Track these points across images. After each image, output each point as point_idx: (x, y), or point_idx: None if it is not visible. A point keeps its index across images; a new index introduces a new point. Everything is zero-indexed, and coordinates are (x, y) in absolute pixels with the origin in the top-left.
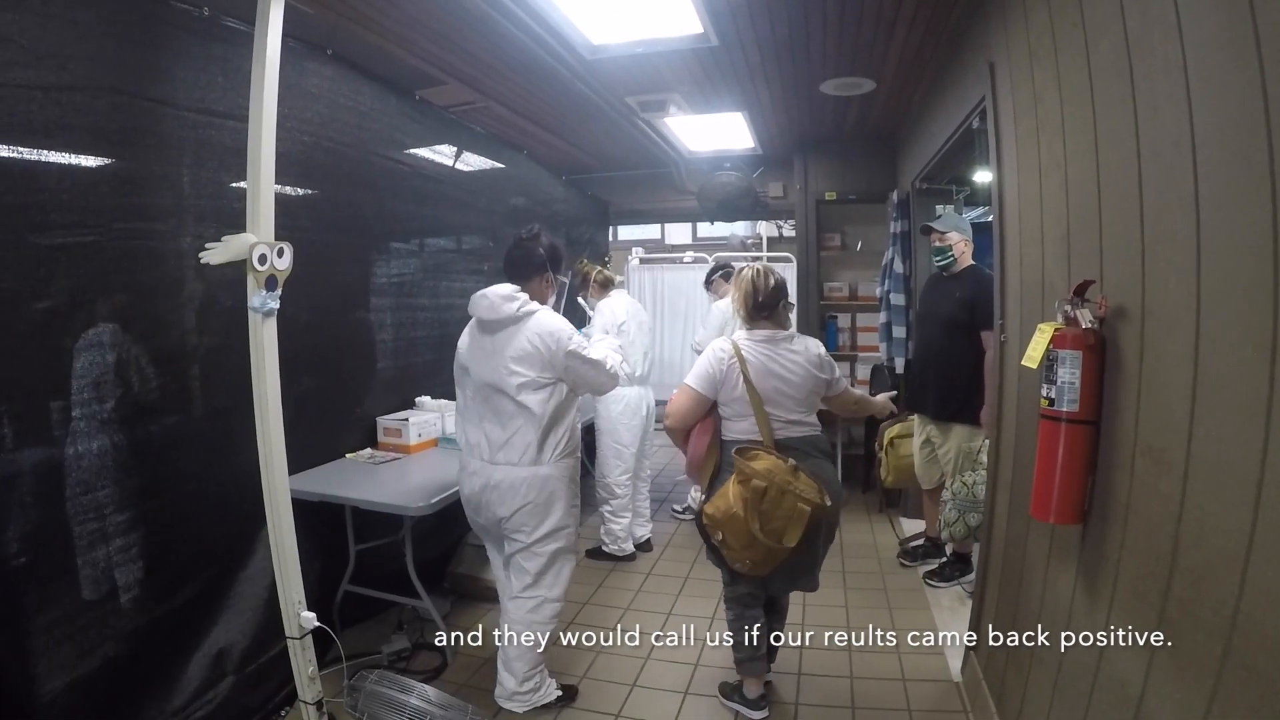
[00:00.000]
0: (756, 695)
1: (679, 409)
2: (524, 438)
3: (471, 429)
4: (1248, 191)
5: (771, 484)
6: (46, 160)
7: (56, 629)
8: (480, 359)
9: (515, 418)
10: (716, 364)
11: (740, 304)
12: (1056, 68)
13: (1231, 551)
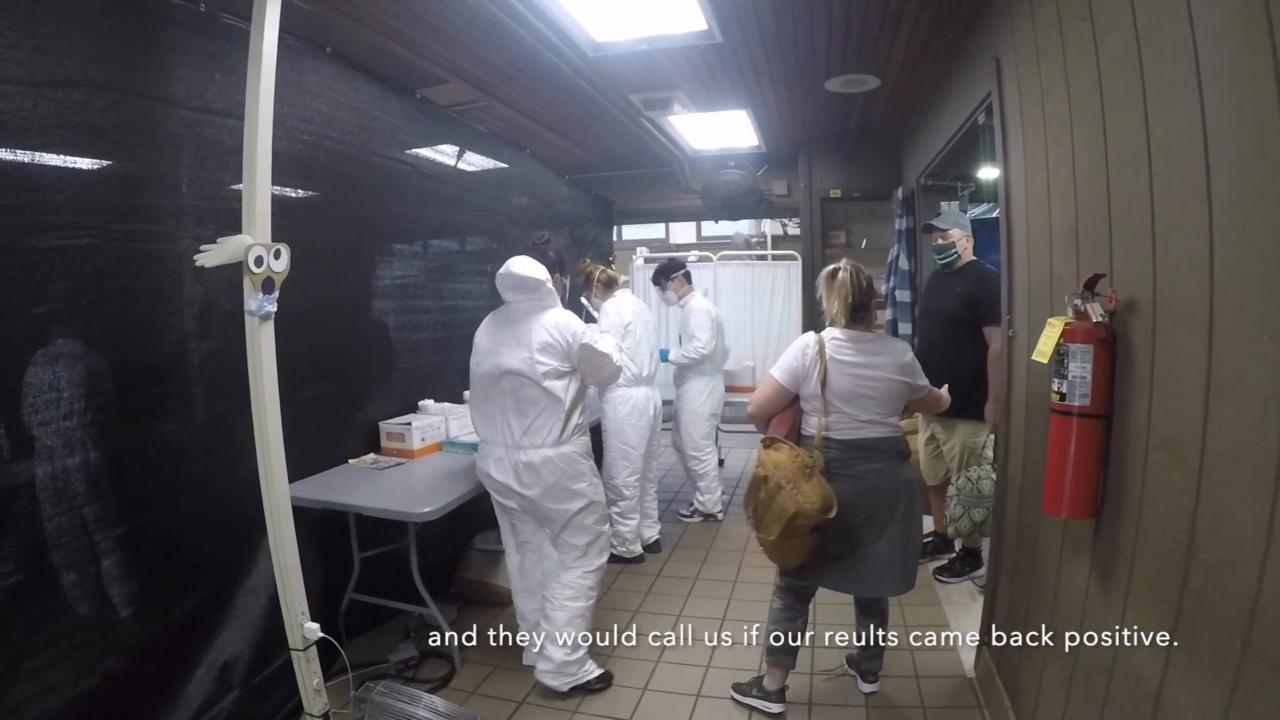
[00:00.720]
0: (777, 688)
1: (760, 398)
2: (548, 421)
3: (496, 417)
4: (1262, 180)
5: (770, 476)
6: (41, 160)
7: (54, 646)
8: (506, 349)
9: (538, 403)
10: (800, 358)
11: (838, 305)
12: (1064, 61)
13: (1249, 544)
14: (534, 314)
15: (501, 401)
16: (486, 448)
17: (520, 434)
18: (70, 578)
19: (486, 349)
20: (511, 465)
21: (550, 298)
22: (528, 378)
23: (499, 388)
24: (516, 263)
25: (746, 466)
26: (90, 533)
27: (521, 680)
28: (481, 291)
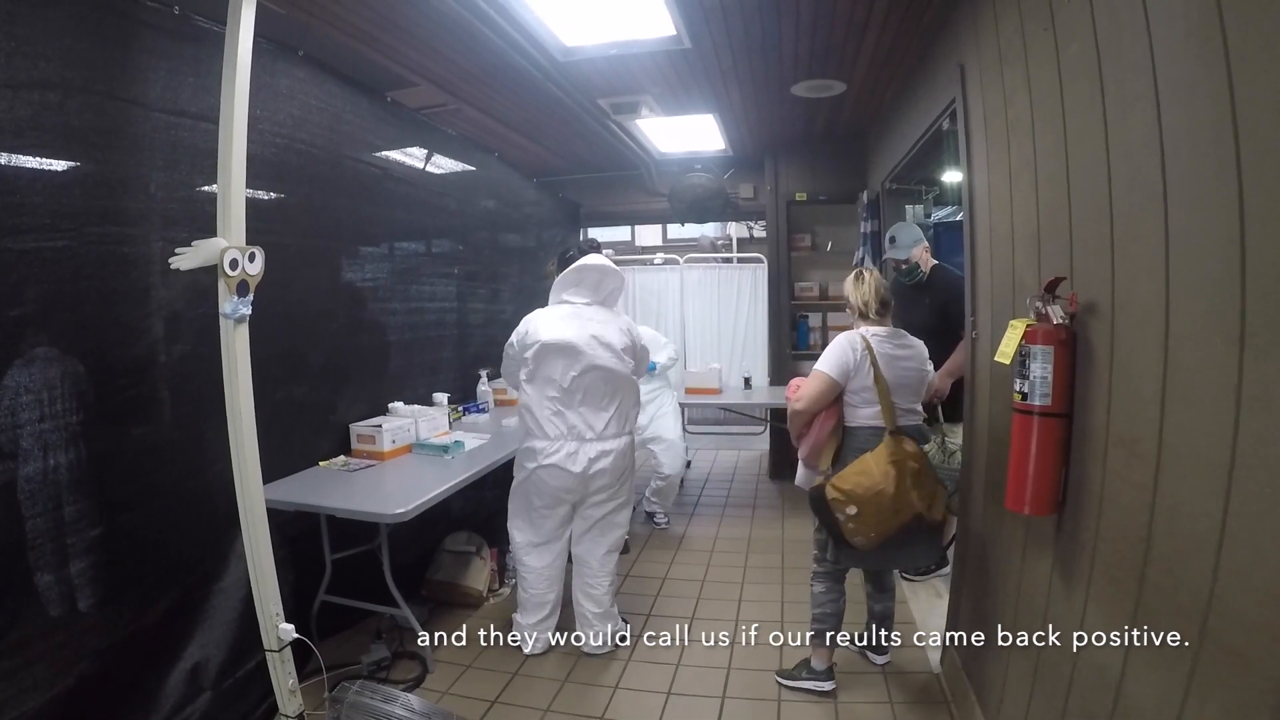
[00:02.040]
0: (825, 667)
1: (812, 393)
2: (624, 413)
3: (569, 414)
4: (1215, 189)
5: (922, 465)
6: (17, 162)
7: (30, 647)
8: (590, 348)
9: (616, 397)
10: (851, 352)
11: (874, 302)
12: (1026, 69)
13: (1204, 536)
14: (606, 314)
15: (579, 399)
16: (553, 444)
17: (602, 426)
18: (46, 579)
19: (556, 348)
20: (590, 455)
21: (614, 298)
22: (616, 373)
23: (576, 386)
24: (594, 260)
25: (713, 466)
26: (66, 534)
27: (494, 680)
28: (449, 294)
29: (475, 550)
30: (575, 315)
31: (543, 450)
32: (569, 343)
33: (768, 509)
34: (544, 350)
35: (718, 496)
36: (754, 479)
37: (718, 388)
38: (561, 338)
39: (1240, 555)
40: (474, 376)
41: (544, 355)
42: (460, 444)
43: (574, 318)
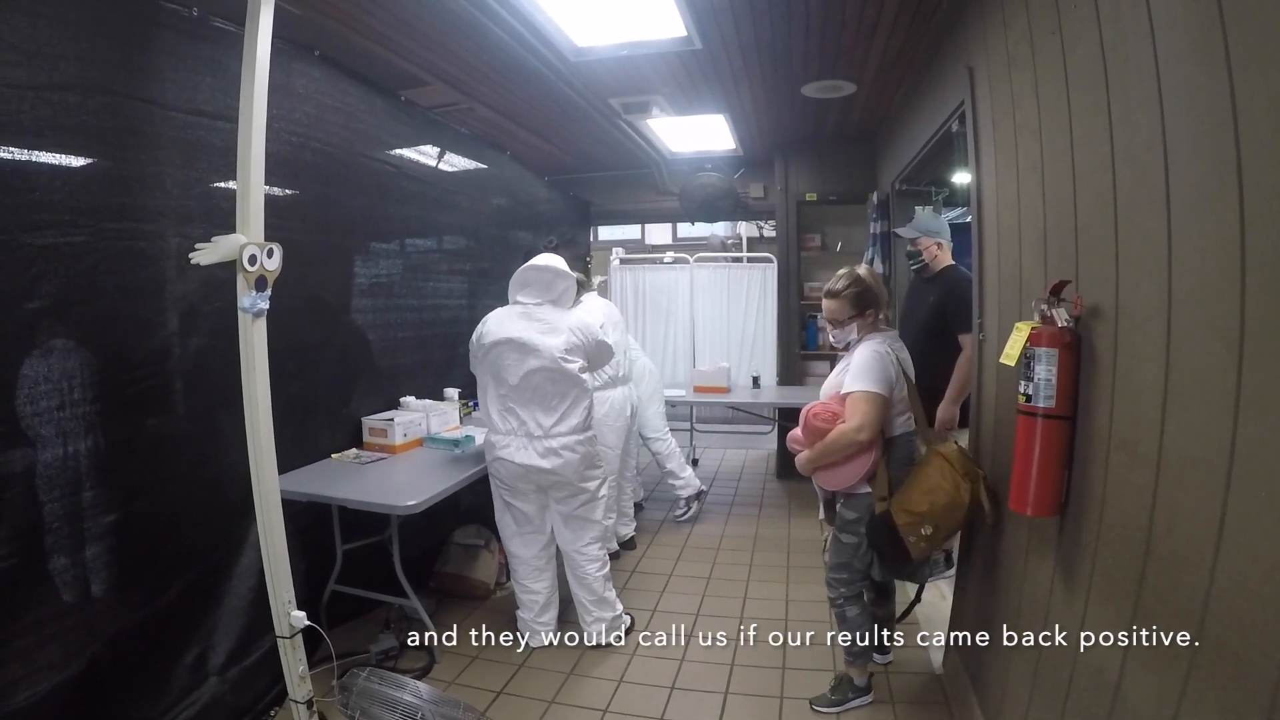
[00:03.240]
0: (865, 680)
1: (873, 419)
2: (577, 410)
3: (519, 411)
4: (1217, 193)
5: (970, 463)
6: (38, 160)
7: (44, 629)
8: (532, 348)
9: (568, 396)
10: (887, 363)
11: (885, 307)
12: (1034, 73)
13: (1203, 539)
14: (556, 314)
15: (527, 397)
16: (504, 438)
17: (551, 424)
18: (61, 562)
19: (504, 347)
20: (538, 451)
21: (567, 297)
22: (559, 373)
23: (525, 385)
24: (543, 260)
25: (721, 465)
26: (82, 520)
27: (499, 671)
28: (461, 290)
29: (484, 543)
30: (525, 315)
31: (496, 443)
32: (516, 343)
33: (774, 508)
34: (494, 349)
35: (725, 495)
36: (761, 478)
37: (726, 387)
38: (509, 337)
39: (1237, 558)
40: None
41: (495, 354)
42: (470, 438)
43: (523, 318)
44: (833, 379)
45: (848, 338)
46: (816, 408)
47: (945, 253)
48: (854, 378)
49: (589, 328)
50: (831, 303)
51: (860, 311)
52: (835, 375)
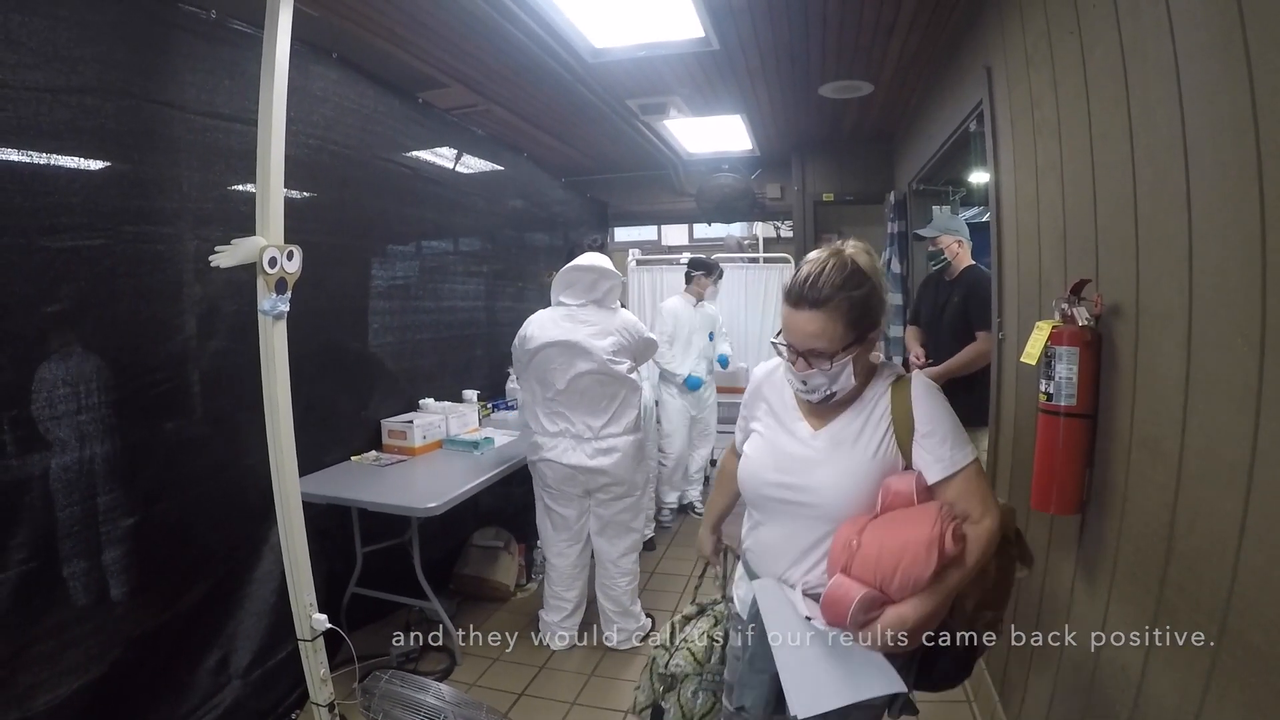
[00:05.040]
0: None
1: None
2: (628, 410)
3: (569, 414)
4: (1237, 191)
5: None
6: (56, 163)
7: (65, 632)
8: (581, 351)
9: (617, 397)
10: None
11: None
12: (1053, 72)
13: (1225, 536)
14: (601, 315)
15: (575, 400)
16: (552, 440)
17: (601, 426)
18: (81, 566)
19: (550, 351)
20: (588, 453)
21: (611, 297)
22: (607, 375)
23: (573, 388)
24: (587, 260)
25: None
26: (101, 523)
27: (521, 673)
28: (478, 292)
29: (503, 545)
30: (569, 317)
31: (543, 444)
32: (562, 345)
33: None
34: (540, 352)
35: None
36: None
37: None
38: (554, 340)
39: (1260, 554)
40: (503, 374)
41: (540, 358)
42: (490, 440)
43: (568, 319)
44: (867, 470)
45: (836, 386)
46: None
47: (966, 251)
48: (956, 444)
49: (635, 326)
50: (814, 318)
51: (863, 334)
52: (866, 460)
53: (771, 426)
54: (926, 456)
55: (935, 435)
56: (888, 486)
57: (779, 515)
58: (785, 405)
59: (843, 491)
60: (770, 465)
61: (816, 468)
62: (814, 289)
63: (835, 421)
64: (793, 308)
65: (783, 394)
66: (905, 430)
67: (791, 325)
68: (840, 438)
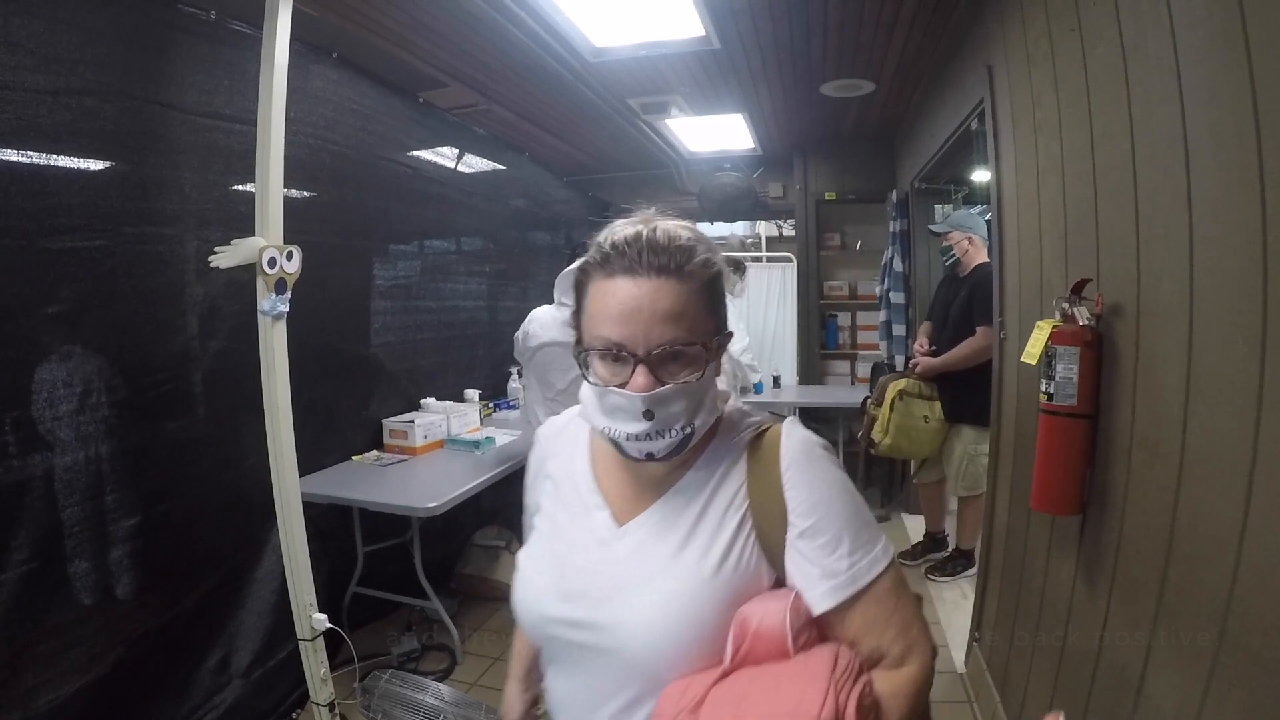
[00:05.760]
0: None
1: None
2: None
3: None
4: (1238, 191)
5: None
6: (57, 164)
7: (66, 633)
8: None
9: None
10: None
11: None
12: (1054, 71)
13: (1225, 538)
14: None
15: (575, 401)
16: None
17: None
18: (83, 566)
19: (549, 351)
20: None
21: None
22: None
23: (573, 389)
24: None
25: None
26: (103, 523)
27: None
28: (480, 292)
29: (505, 545)
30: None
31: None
32: (564, 347)
33: None
34: (540, 352)
35: None
36: None
37: None
38: (555, 340)
39: (1260, 556)
40: (505, 373)
41: (541, 355)
42: (491, 440)
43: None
44: (706, 592)
45: (699, 421)
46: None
47: (978, 249)
48: (858, 543)
49: None
50: (669, 289)
51: (723, 340)
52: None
53: (556, 519)
54: (810, 569)
55: (824, 531)
56: (745, 621)
57: (571, 663)
58: (576, 483)
59: (663, 630)
60: (552, 586)
61: (620, 589)
62: (662, 250)
63: (656, 507)
64: (626, 277)
65: (572, 464)
66: (772, 521)
67: (623, 309)
68: (663, 534)
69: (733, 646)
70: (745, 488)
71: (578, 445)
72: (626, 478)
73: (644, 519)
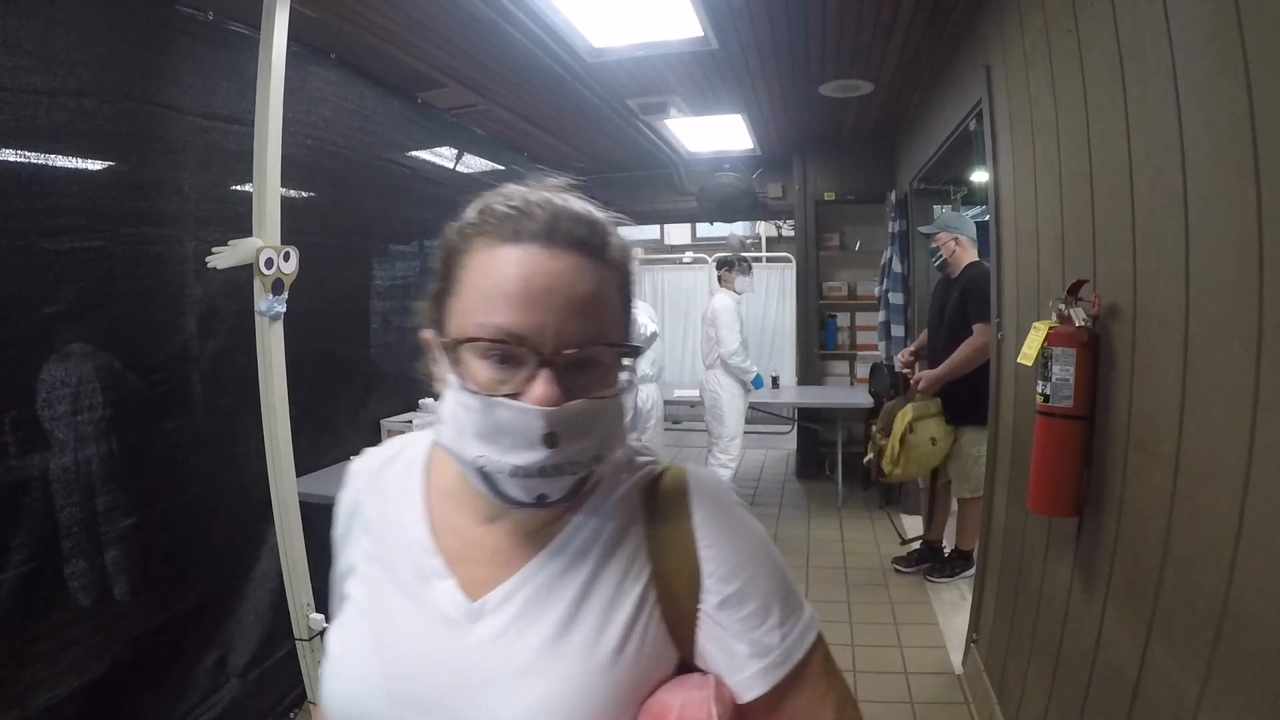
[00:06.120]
0: None
1: None
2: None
3: None
4: (1234, 192)
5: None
6: (55, 165)
7: (64, 632)
8: None
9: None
10: None
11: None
12: (1051, 72)
13: (1221, 540)
14: None
15: None
16: None
17: None
18: (80, 566)
19: None
20: None
21: None
22: None
23: None
24: None
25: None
26: (100, 523)
27: None
28: None
29: None
30: None
31: None
32: None
33: (794, 508)
34: None
35: (744, 495)
36: (780, 478)
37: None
38: None
39: (1255, 559)
40: None
41: None
42: None
43: None
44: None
45: (609, 448)
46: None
47: (966, 249)
48: (787, 613)
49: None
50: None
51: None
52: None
53: (379, 591)
54: (735, 645)
55: (751, 598)
56: (667, 712)
57: None
58: (407, 541)
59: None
60: (376, 683)
61: (478, 689)
62: (582, 220)
63: (524, 574)
64: (536, 245)
65: (401, 514)
66: (682, 587)
67: (529, 288)
68: (537, 611)
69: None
70: (644, 546)
71: (408, 488)
72: (478, 534)
73: (508, 590)
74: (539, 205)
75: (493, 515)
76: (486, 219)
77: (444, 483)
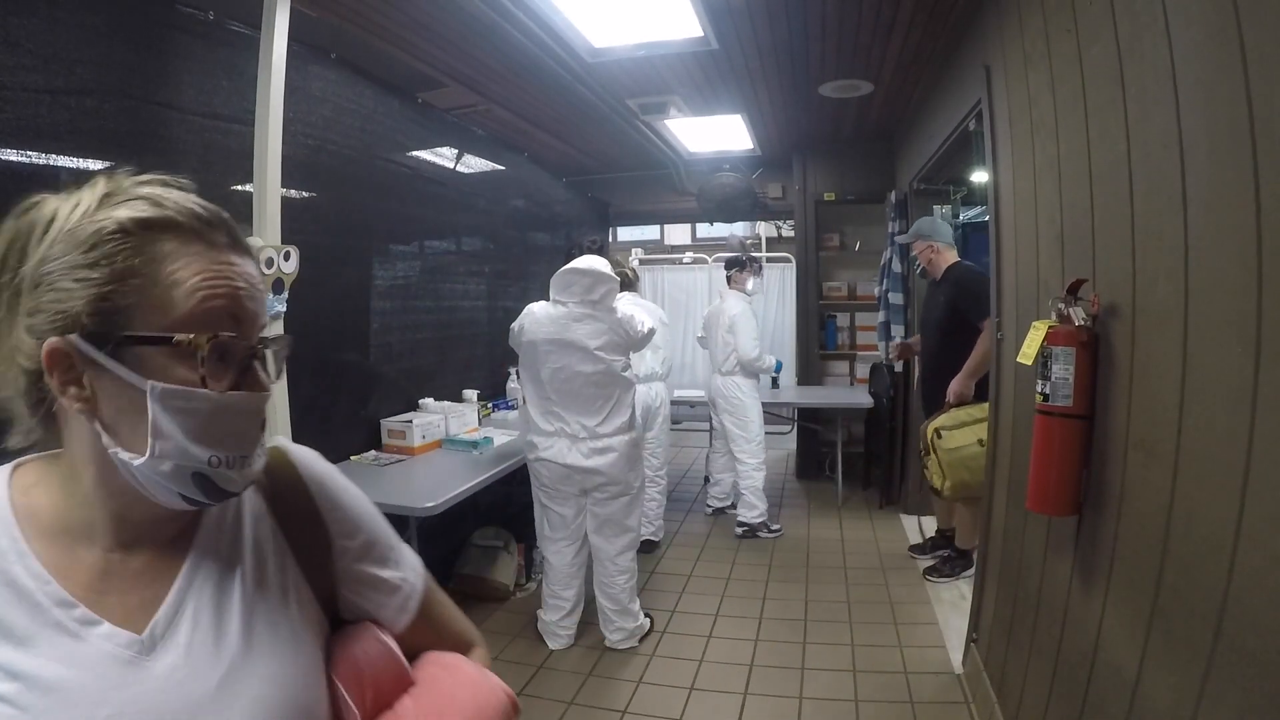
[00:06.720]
0: None
1: None
2: (622, 409)
3: (563, 413)
4: (1233, 192)
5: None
6: (56, 164)
7: None
8: (577, 352)
9: (611, 397)
10: None
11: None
12: (1050, 71)
13: (1220, 539)
14: (601, 313)
15: (569, 400)
16: (547, 439)
17: (595, 425)
18: None
19: (543, 347)
20: (583, 452)
21: (608, 300)
22: (601, 374)
23: (566, 388)
24: (585, 262)
25: None
26: None
27: (519, 672)
28: (479, 292)
29: (503, 545)
30: (567, 315)
31: (539, 444)
32: (556, 343)
33: (794, 507)
34: (533, 348)
35: None
36: (781, 478)
37: None
38: (548, 338)
39: (1254, 557)
40: (504, 373)
41: (533, 353)
42: (489, 440)
43: (565, 318)
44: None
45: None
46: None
47: (942, 254)
48: (400, 543)
49: (629, 323)
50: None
51: None
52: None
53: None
54: (378, 592)
55: (377, 543)
56: (356, 677)
57: None
58: (22, 594)
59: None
60: None
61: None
62: (231, 224)
63: (178, 591)
64: (230, 251)
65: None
66: (316, 556)
67: (235, 286)
68: (216, 623)
69: (356, 707)
70: (279, 528)
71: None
72: (111, 561)
73: (171, 608)
74: (211, 212)
75: (124, 539)
76: (161, 216)
77: (42, 525)
